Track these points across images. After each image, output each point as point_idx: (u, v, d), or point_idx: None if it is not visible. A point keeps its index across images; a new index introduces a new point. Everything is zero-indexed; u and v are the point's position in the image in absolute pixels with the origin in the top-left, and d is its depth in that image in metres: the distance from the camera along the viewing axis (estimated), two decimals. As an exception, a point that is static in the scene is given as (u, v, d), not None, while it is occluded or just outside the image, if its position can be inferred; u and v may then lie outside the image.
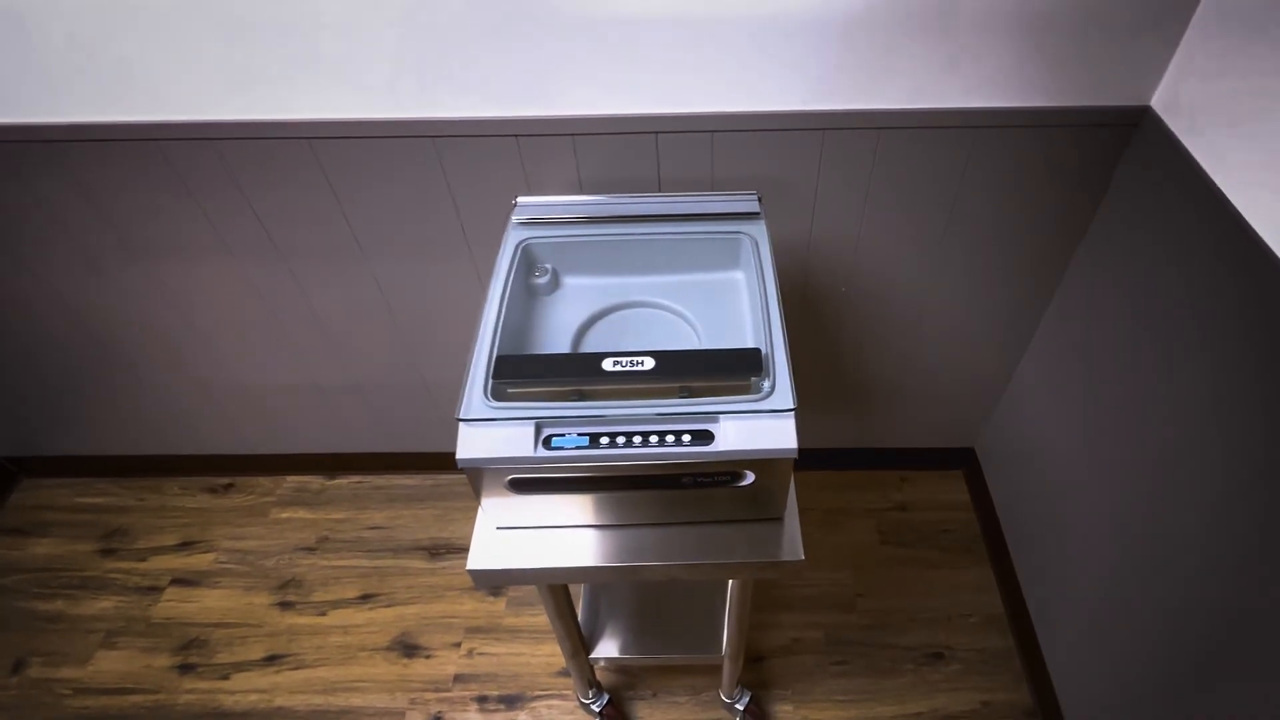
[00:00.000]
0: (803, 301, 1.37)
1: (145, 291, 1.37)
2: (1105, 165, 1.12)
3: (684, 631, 1.28)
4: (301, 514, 1.80)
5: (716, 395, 0.76)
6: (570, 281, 0.99)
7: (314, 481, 1.87)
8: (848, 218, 1.22)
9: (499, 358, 0.79)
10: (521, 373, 0.78)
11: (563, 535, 0.86)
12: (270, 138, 1.12)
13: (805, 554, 0.84)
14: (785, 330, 0.81)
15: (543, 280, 0.96)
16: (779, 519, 0.86)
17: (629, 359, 0.78)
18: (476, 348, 0.81)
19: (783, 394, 0.75)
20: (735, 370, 0.78)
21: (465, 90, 1.05)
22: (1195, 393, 0.96)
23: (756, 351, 0.79)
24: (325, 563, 1.70)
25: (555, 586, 1.01)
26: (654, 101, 1.07)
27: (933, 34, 0.98)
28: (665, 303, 0.95)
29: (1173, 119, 1.00)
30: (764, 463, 0.75)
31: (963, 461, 1.77)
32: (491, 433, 0.74)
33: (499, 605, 1.60)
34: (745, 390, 0.77)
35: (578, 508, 0.84)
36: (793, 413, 0.74)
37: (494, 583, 0.81)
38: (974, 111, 1.06)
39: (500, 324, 0.83)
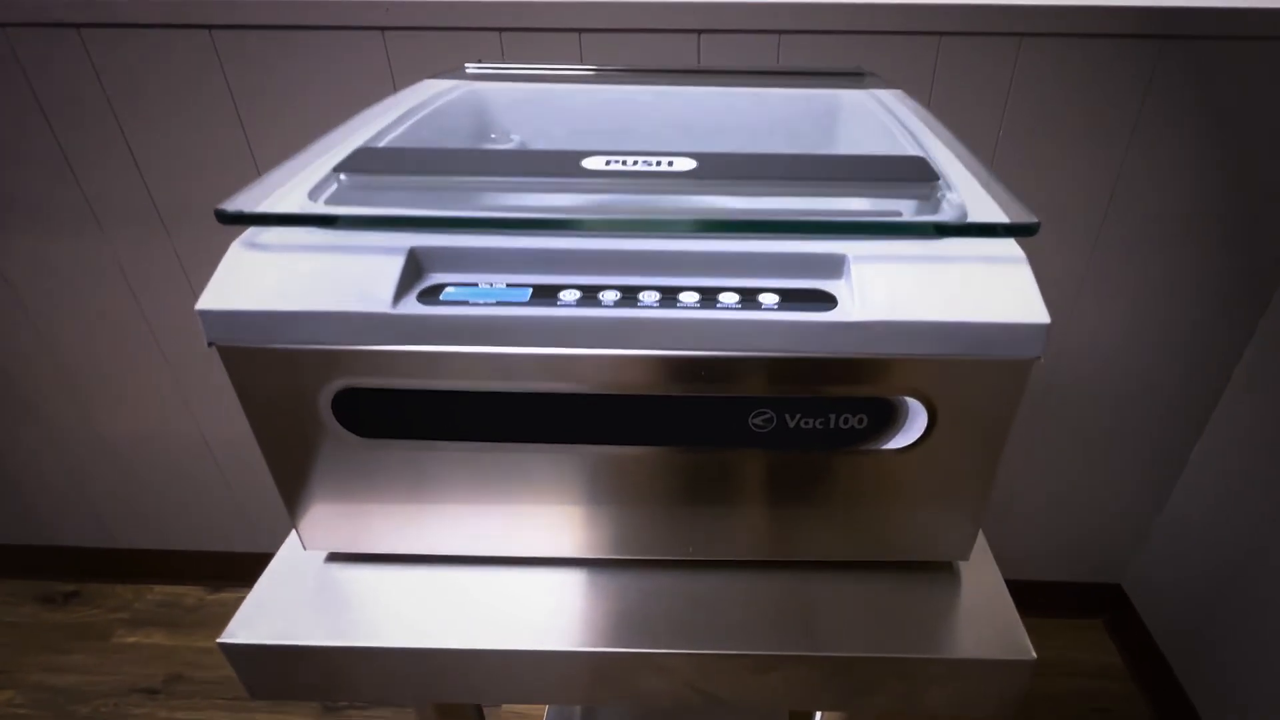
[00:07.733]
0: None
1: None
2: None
3: None
4: (156, 638, 1.26)
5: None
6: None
7: (191, 594, 1.34)
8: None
9: (361, 149, 0.37)
10: (399, 165, 0.36)
11: (471, 581, 0.39)
12: (154, 25, 0.80)
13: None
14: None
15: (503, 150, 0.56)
16: (948, 567, 0.39)
17: (643, 158, 0.36)
18: (320, 141, 0.39)
19: (993, 214, 0.32)
20: (882, 177, 0.35)
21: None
22: None
23: (920, 159, 0.36)
24: (166, 714, 1.14)
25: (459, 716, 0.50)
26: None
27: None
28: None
29: None
30: (961, 372, 0.31)
31: (1104, 605, 1.23)
32: (299, 261, 0.31)
33: (411, 799, 1.02)
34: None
35: (505, 501, 0.37)
36: (1025, 259, 0.31)
37: (287, 693, 0.32)
38: (1164, 11, 0.73)
39: (395, 139, 0.42)
